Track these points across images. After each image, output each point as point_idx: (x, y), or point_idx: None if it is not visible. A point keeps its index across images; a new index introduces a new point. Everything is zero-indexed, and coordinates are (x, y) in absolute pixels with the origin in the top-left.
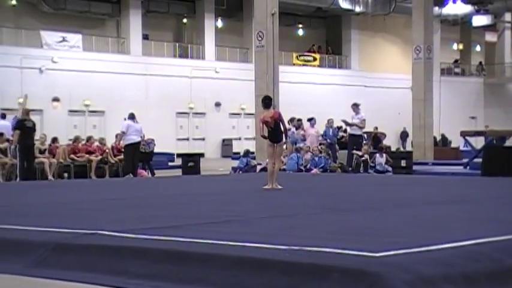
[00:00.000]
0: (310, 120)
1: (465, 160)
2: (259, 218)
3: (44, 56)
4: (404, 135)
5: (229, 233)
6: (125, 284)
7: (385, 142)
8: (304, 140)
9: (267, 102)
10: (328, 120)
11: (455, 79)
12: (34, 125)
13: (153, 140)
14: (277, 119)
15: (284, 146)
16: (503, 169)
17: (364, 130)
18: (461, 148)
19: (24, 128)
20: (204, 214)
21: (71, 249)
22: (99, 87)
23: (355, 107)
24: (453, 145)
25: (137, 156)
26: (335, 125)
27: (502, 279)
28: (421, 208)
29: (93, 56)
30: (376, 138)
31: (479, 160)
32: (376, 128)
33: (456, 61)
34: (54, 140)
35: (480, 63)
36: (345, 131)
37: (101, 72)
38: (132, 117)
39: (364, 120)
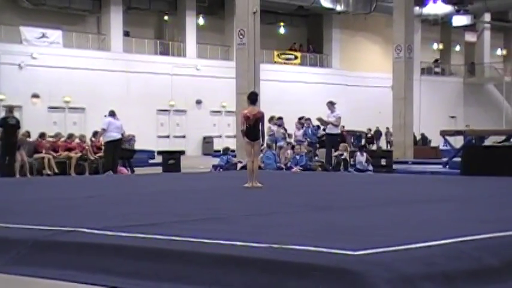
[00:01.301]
0: (300, 119)
1: (444, 159)
2: (240, 216)
3: (23, 52)
4: (378, 135)
5: (209, 230)
6: (105, 282)
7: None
8: (284, 138)
9: (254, 98)
10: (304, 119)
11: (436, 78)
12: (18, 122)
13: (133, 136)
14: (259, 119)
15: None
16: (482, 168)
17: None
18: (441, 147)
19: (7, 125)
20: (184, 212)
21: (49, 247)
22: (80, 84)
23: (331, 105)
24: (433, 144)
25: (117, 153)
26: (314, 124)
27: (482, 278)
28: (401, 207)
29: (74, 53)
30: (342, 137)
31: (459, 159)
32: (343, 126)
33: (436, 61)
34: (42, 135)
35: (472, 63)
36: (324, 129)
37: (81, 68)
38: (112, 114)
39: (339, 118)
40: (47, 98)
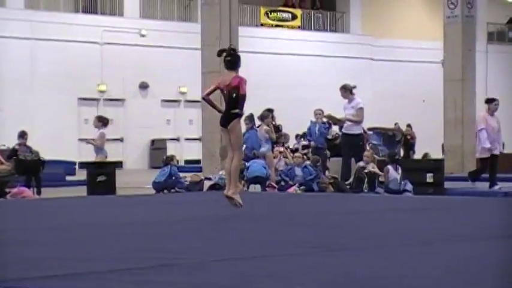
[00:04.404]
0: (490, 102)
1: None
2: (209, 261)
3: None
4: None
5: (160, 284)
6: None
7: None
8: (270, 141)
9: (231, 60)
10: (314, 112)
11: (510, 48)
12: None
13: (24, 133)
14: (235, 89)
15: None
16: None
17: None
18: None
19: None
20: (122, 255)
21: None
22: None
23: (346, 91)
24: (508, 150)
25: None
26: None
27: None
28: (451, 247)
29: None
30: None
31: None
32: None
33: (511, 21)
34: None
35: None
36: (341, 127)
37: None
38: None
39: (360, 109)
40: None
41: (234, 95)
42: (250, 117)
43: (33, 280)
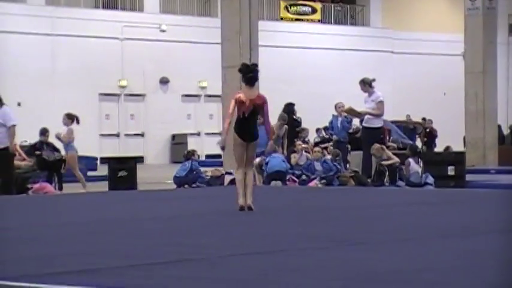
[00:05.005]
0: None
1: None
2: (228, 255)
3: None
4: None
5: (179, 279)
6: None
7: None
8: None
9: (252, 76)
10: (336, 106)
11: None
12: None
13: (45, 131)
14: (260, 107)
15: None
16: None
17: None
18: None
19: None
20: (142, 250)
21: None
22: None
23: (365, 84)
24: None
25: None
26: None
27: None
28: (473, 240)
29: None
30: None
31: None
32: None
33: None
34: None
35: None
36: (362, 120)
37: None
38: None
39: (381, 102)
40: None
41: (260, 113)
42: None
43: (46, 276)
